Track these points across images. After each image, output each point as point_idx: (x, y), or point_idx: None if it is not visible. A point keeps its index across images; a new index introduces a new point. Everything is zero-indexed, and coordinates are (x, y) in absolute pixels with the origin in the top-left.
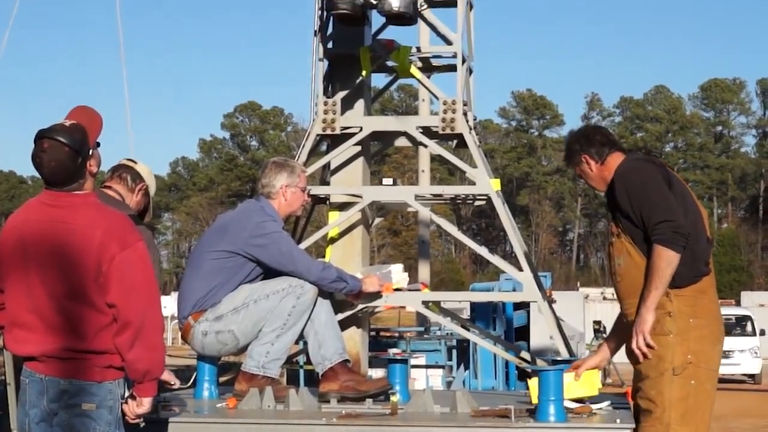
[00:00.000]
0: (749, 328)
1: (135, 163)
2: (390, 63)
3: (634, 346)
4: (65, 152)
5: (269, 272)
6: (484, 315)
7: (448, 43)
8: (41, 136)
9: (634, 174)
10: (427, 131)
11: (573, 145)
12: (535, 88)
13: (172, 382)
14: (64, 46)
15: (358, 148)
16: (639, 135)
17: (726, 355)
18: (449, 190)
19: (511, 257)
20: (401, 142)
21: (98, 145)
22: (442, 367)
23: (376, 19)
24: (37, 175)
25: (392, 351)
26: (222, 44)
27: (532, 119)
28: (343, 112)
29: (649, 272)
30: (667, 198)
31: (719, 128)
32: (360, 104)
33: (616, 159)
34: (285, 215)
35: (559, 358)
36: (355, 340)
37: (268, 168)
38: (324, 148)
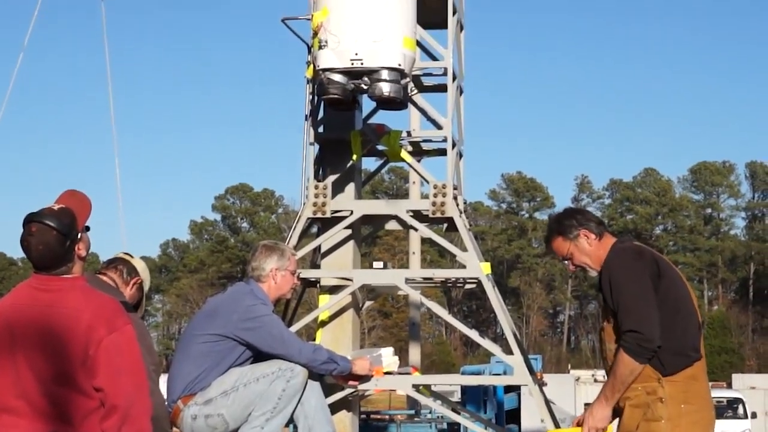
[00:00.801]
0: (741, 410)
1: (131, 257)
2: (381, 147)
3: None
4: (53, 236)
5: (259, 355)
6: (474, 398)
7: (439, 127)
8: (30, 220)
9: (619, 271)
10: (417, 215)
11: (569, 220)
12: (525, 170)
13: None
14: (56, 130)
15: (349, 231)
16: (629, 217)
17: None
18: (439, 274)
19: (501, 339)
20: (392, 225)
21: (87, 229)
22: None
23: (367, 104)
24: None
25: None
26: (214, 126)
27: (522, 201)
28: (333, 196)
29: (610, 372)
30: (642, 306)
31: (709, 211)
32: (350, 188)
33: (609, 239)
34: (275, 298)
35: None
36: (345, 423)
37: (258, 251)
38: (315, 230)
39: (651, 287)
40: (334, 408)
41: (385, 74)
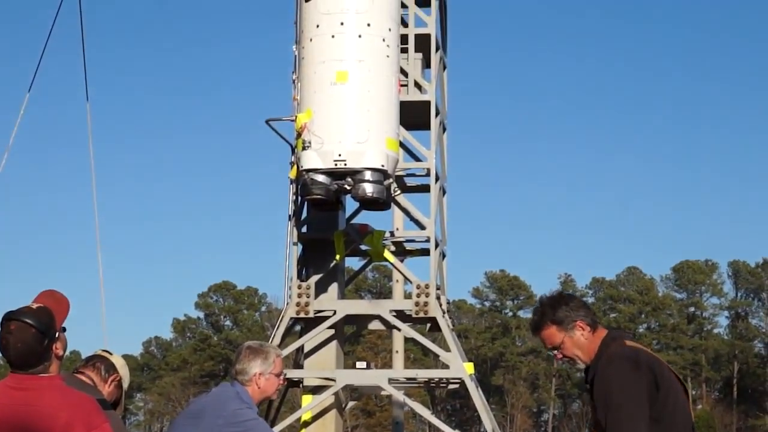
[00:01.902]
0: None
1: (110, 354)
2: (364, 247)
3: None
4: (31, 334)
5: None
6: None
7: (422, 227)
8: (8, 318)
9: (614, 386)
10: (400, 314)
11: (565, 309)
12: (508, 268)
13: None
14: (39, 225)
15: (332, 331)
16: (612, 316)
17: None
18: (423, 374)
19: None
20: (375, 325)
21: (64, 329)
22: None
23: (351, 204)
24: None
25: None
26: (197, 224)
27: (506, 300)
28: (316, 295)
29: None
30: (632, 427)
31: (692, 309)
32: (334, 287)
33: (601, 331)
34: (259, 401)
35: None
36: None
37: (242, 354)
38: (298, 329)
39: (646, 405)
40: None
41: (368, 175)
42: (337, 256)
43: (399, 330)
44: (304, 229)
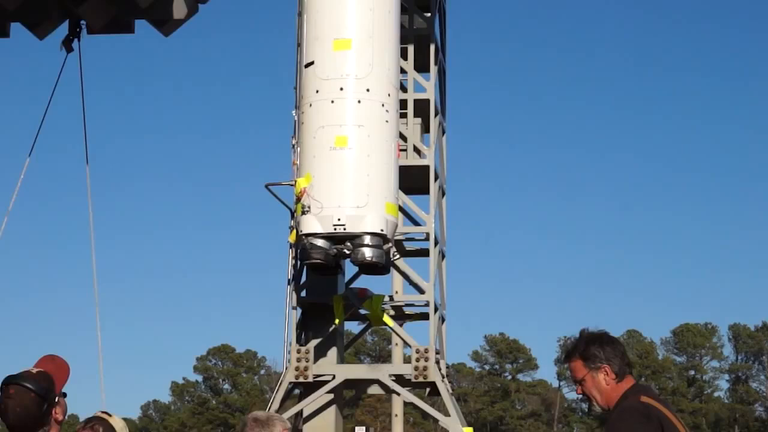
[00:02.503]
0: None
1: (109, 416)
2: (363, 311)
3: None
4: (31, 398)
5: None
6: None
7: (421, 291)
8: (8, 383)
9: (624, 430)
10: (400, 379)
11: (597, 349)
12: (508, 332)
13: None
14: (38, 286)
15: (331, 395)
16: None
17: None
18: None
19: None
20: (374, 389)
21: (64, 395)
22: None
23: (350, 268)
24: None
25: None
26: (196, 288)
27: (505, 363)
28: (316, 360)
29: None
30: None
31: (692, 373)
32: (333, 352)
33: (627, 383)
34: None
35: None
36: None
37: (248, 426)
38: (297, 392)
39: None
40: None
41: (367, 239)
42: (336, 320)
43: (398, 394)
44: (303, 293)
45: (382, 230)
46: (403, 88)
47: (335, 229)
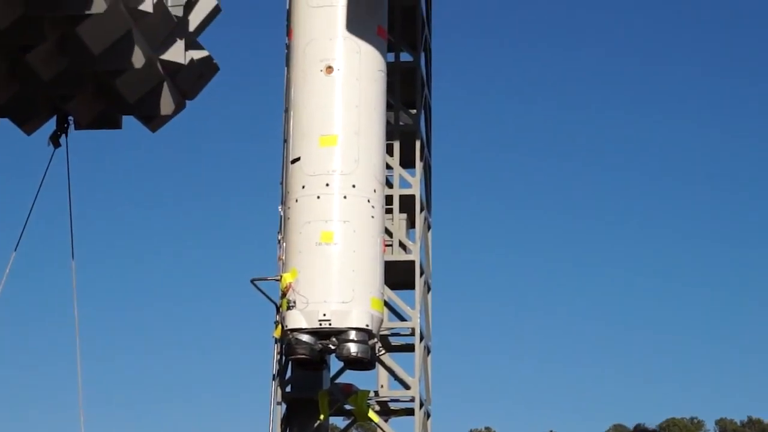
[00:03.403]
0: None
1: None
2: (348, 406)
3: None
4: None
5: None
6: None
7: (407, 387)
8: None
9: None
10: None
11: None
12: (494, 426)
13: None
14: (21, 399)
15: None
16: None
17: None
18: None
19: None
20: None
21: None
22: None
23: (335, 363)
24: None
25: None
26: (177, 385)
27: None
28: None
29: None
30: None
31: None
32: None
33: None
34: None
35: None
36: None
37: None
38: None
39: None
40: None
41: (353, 335)
42: (322, 416)
43: None
44: (288, 389)
45: (367, 325)
46: (389, 184)
47: (321, 325)
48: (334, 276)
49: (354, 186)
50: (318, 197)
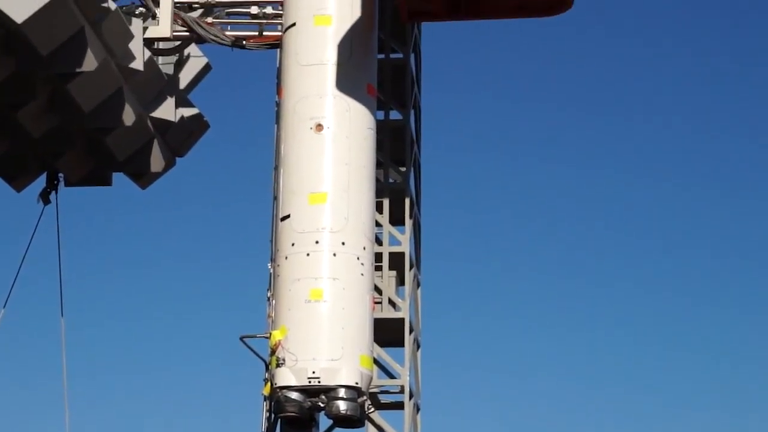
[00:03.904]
0: None
1: None
2: None
3: None
4: None
5: None
6: None
7: None
8: None
9: None
10: None
11: None
12: None
13: None
14: None
15: None
16: None
17: None
18: None
19: None
20: None
21: None
22: None
23: (324, 421)
24: None
25: None
26: None
27: None
28: None
29: None
30: None
31: None
32: None
33: None
34: None
35: None
36: None
37: None
38: None
39: None
40: None
41: (342, 392)
42: None
43: None
44: None
45: (356, 383)
46: (379, 241)
47: (310, 382)
48: (323, 333)
49: (343, 243)
50: (308, 254)
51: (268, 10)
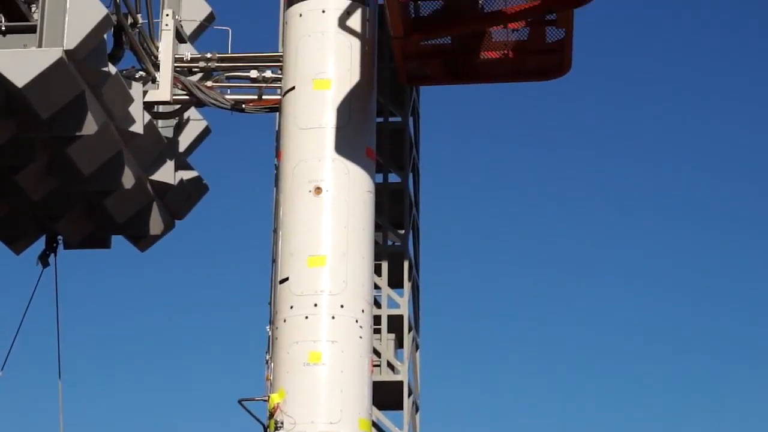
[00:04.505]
0: None
1: None
2: None
3: None
4: None
5: None
6: None
7: None
8: None
9: None
10: None
11: None
12: None
13: None
14: None
15: None
16: None
17: None
18: None
19: None
20: None
21: None
22: None
23: None
24: None
25: None
26: None
27: None
28: None
29: None
30: None
31: None
32: None
33: None
34: None
35: None
36: None
37: None
38: None
39: None
40: None
41: None
42: None
43: None
44: None
45: None
46: (377, 304)
47: None
48: (321, 396)
49: (342, 306)
50: (306, 317)
51: (268, 74)
